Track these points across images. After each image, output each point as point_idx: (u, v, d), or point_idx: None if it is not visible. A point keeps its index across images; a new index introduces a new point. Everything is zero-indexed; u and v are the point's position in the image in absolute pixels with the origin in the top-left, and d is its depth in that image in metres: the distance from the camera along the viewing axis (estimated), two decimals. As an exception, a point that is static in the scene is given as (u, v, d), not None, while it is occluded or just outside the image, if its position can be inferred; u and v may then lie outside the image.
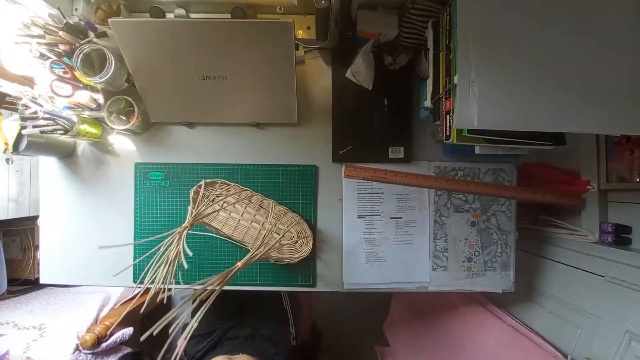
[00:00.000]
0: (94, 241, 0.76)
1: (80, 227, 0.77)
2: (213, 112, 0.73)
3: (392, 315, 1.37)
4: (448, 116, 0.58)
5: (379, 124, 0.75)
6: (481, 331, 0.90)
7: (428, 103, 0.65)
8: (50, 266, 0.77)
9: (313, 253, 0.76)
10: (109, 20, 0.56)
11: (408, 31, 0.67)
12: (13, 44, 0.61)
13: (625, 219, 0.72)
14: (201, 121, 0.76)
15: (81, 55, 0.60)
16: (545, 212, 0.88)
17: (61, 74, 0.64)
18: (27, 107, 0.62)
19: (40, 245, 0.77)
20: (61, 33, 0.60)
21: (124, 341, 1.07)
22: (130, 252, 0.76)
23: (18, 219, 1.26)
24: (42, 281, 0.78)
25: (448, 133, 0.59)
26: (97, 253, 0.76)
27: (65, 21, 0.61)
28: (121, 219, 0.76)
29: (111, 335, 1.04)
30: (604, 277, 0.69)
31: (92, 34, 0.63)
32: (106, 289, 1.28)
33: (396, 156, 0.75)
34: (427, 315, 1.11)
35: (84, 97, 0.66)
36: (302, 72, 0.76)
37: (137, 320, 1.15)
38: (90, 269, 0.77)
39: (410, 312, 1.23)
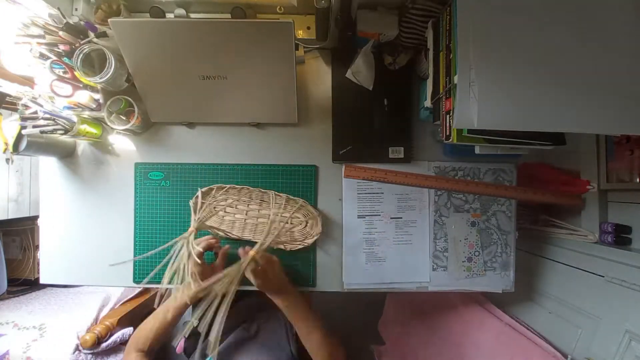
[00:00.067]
0: (94, 241, 0.76)
1: (80, 227, 0.77)
2: (213, 112, 0.73)
3: (387, 314, 1.36)
4: (448, 116, 0.58)
5: (379, 124, 0.75)
6: (480, 331, 0.90)
7: (428, 103, 0.65)
8: (50, 266, 0.77)
9: (313, 253, 0.76)
10: (109, 20, 0.56)
11: (408, 31, 0.67)
12: (13, 44, 0.62)
13: (625, 219, 0.72)
14: (201, 121, 0.76)
15: (81, 55, 0.60)
16: (545, 212, 0.89)
17: (61, 74, 0.64)
18: (27, 107, 0.62)
19: (40, 245, 0.77)
20: (61, 33, 0.60)
21: (124, 341, 1.07)
22: (130, 252, 0.76)
23: (18, 219, 1.26)
24: (42, 281, 0.78)
25: (448, 133, 0.59)
26: (97, 253, 0.77)
27: (65, 21, 0.61)
28: (121, 219, 0.76)
29: (111, 335, 1.04)
30: (604, 277, 0.69)
31: (92, 34, 0.63)
32: (106, 289, 1.28)
33: (396, 156, 0.75)
34: (425, 314, 1.11)
35: (84, 97, 0.66)
36: (302, 72, 0.76)
37: (137, 320, 1.15)
38: (90, 269, 0.77)
39: (407, 312, 1.23)
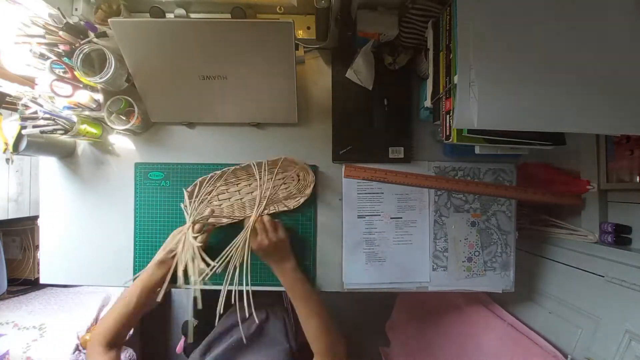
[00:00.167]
0: (94, 241, 0.76)
1: (80, 227, 0.77)
2: (213, 112, 0.73)
3: (395, 316, 1.36)
4: (448, 116, 0.58)
5: (379, 124, 0.75)
6: (484, 331, 0.89)
7: (428, 103, 0.65)
8: (50, 266, 0.77)
9: (313, 252, 0.76)
10: (109, 20, 0.56)
11: (408, 31, 0.67)
12: (13, 44, 0.62)
13: (625, 219, 0.72)
14: (201, 121, 0.76)
15: (81, 55, 0.60)
16: (545, 212, 0.88)
17: (61, 74, 0.64)
18: (27, 107, 0.62)
19: (40, 245, 0.77)
20: (61, 33, 0.60)
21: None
22: (130, 252, 0.76)
23: (18, 219, 1.26)
24: (42, 281, 0.78)
25: (448, 133, 0.59)
26: (97, 253, 0.76)
27: (65, 21, 0.61)
28: (121, 219, 0.76)
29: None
30: (604, 277, 0.69)
31: (92, 34, 0.63)
32: (106, 289, 1.28)
33: (396, 156, 0.75)
34: (430, 315, 1.11)
35: (84, 97, 0.66)
36: (302, 72, 0.76)
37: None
38: (90, 269, 0.77)
39: (413, 313, 1.23)
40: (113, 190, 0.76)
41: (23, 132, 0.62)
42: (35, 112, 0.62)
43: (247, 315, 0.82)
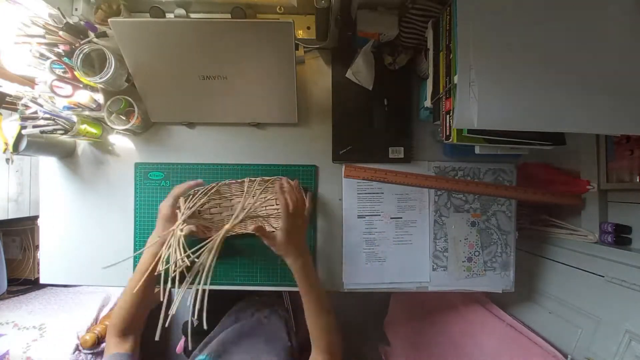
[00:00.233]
0: (94, 241, 0.76)
1: (80, 227, 0.77)
2: (213, 112, 0.73)
3: (392, 314, 1.37)
4: (448, 116, 0.58)
5: (379, 124, 0.75)
6: (482, 331, 0.90)
7: (428, 103, 0.65)
8: (50, 266, 0.77)
9: (313, 252, 0.76)
10: (109, 20, 0.56)
11: (408, 31, 0.67)
12: (13, 44, 0.62)
13: (625, 219, 0.72)
14: (201, 121, 0.76)
15: (81, 55, 0.60)
16: (545, 212, 0.88)
17: (61, 74, 0.64)
18: (27, 107, 0.62)
19: (40, 245, 0.77)
20: (61, 33, 0.60)
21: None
22: (130, 252, 0.76)
23: (18, 219, 1.26)
24: (42, 281, 0.78)
25: (448, 133, 0.59)
26: (97, 253, 0.76)
27: (65, 21, 0.61)
28: (121, 219, 0.76)
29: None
30: (604, 277, 0.69)
31: (92, 34, 0.63)
32: (106, 289, 1.28)
33: (396, 156, 0.75)
34: (429, 314, 1.11)
35: (84, 97, 0.66)
36: (302, 72, 0.75)
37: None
38: (90, 269, 0.77)
39: (411, 312, 1.23)
40: (113, 190, 0.76)
41: (23, 132, 0.62)
42: (35, 112, 0.62)
43: (248, 314, 0.82)
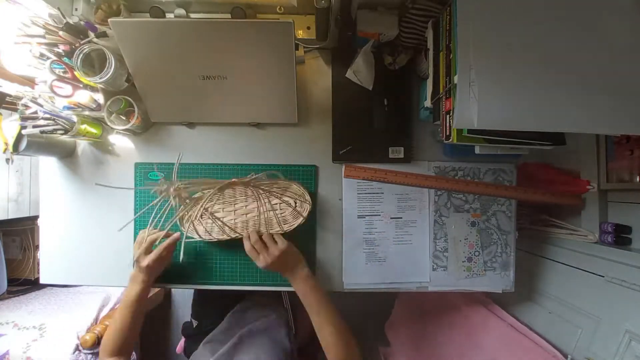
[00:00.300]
0: (94, 241, 0.76)
1: (80, 227, 0.77)
2: (213, 112, 0.73)
3: (395, 315, 1.36)
4: (448, 116, 0.58)
5: (379, 124, 0.75)
6: (484, 331, 0.89)
7: (428, 103, 0.65)
8: (50, 266, 0.77)
9: (313, 253, 0.76)
10: (109, 20, 0.56)
11: (408, 31, 0.67)
12: (13, 44, 0.62)
13: (625, 219, 0.72)
14: (201, 121, 0.76)
15: (81, 55, 0.60)
16: (545, 212, 0.88)
17: (61, 74, 0.64)
18: (27, 107, 0.62)
19: (40, 245, 0.77)
20: (61, 33, 0.60)
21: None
22: (130, 253, 0.75)
23: (18, 219, 1.26)
24: (42, 281, 0.78)
25: (448, 133, 0.59)
26: (97, 253, 0.76)
27: (65, 21, 0.61)
28: (121, 219, 0.76)
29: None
30: (604, 277, 0.69)
31: (92, 34, 0.63)
32: (106, 289, 1.28)
33: (396, 156, 0.75)
34: (431, 315, 1.11)
35: (84, 97, 0.66)
36: (302, 72, 0.76)
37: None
38: (90, 269, 0.77)
39: (413, 313, 1.23)
40: (113, 190, 0.76)
41: (23, 132, 0.62)
42: (35, 112, 0.62)
43: (247, 321, 0.82)
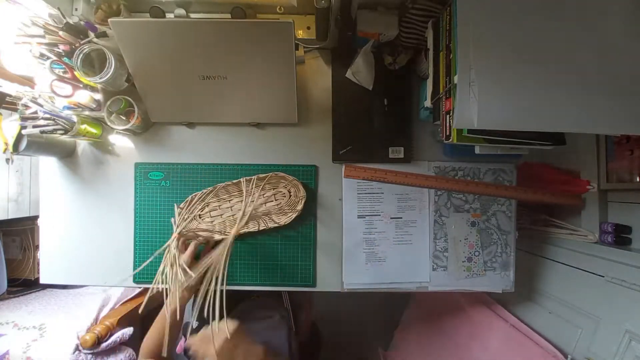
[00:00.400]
0: (94, 241, 0.76)
1: (80, 227, 0.77)
2: (213, 112, 0.73)
3: (407, 321, 1.35)
4: (448, 116, 0.58)
5: (379, 124, 0.75)
6: (486, 332, 0.89)
7: (428, 103, 0.65)
8: (50, 266, 0.77)
9: (313, 252, 0.76)
10: (109, 20, 0.56)
11: (408, 31, 0.67)
12: (13, 44, 0.62)
13: (625, 219, 0.72)
14: (201, 121, 0.76)
15: (81, 55, 0.60)
16: (545, 212, 0.88)
17: (61, 74, 0.64)
18: (27, 107, 0.62)
19: (40, 245, 0.77)
20: (61, 33, 0.60)
21: (124, 341, 1.07)
22: (130, 252, 0.76)
23: (18, 219, 1.26)
24: (42, 281, 0.78)
25: (448, 133, 0.59)
26: (97, 253, 0.77)
27: (65, 21, 0.61)
28: (121, 219, 0.76)
29: (111, 335, 1.04)
30: (604, 277, 0.69)
31: (92, 34, 0.63)
32: (106, 289, 1.28)
33: (396, 156, 0.75)
34: (436, 318, 1.11)
35: (84, 97, 0.66)
36: (302, 72, 0.76)
37: (137, 320, 1.15)
38: (90, 269, 0.77)
39: (422, 318, 1.23)
40: (113, 190, 0.76)
41: (23, 132, 0.62)
42: (35, 112, 0.62)
43: (251, 313, 0.82)
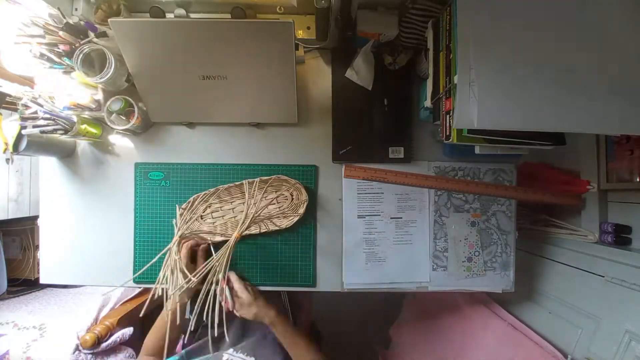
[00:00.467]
0: (94, 241, 0.76)
1: (80, 227, 0.77)
2: (213, 112, 0.73)
3: (402, 318, 1.35)
4: (448, 116, 0.58)
5: (379, 124, 0.75)
6: (485, 331, 0.89)
7: (428, 103, 0.65)
8: (50, 266, 0.77)
9: (313, 252, 0.76)
10: (109, 20, 0.56)
11: (408, 31, 0.67)
12: (13, 44, 0.62)
13: (625, 219, 0.72)
14: (201, 121, 0.76)
15: (81, 55, 0.60)
16: (545, 212, 0.88)
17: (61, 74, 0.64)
18: (27, 107, 0.62)
19: (40, 245, 0.77)
20: (61, 33, 0.60)
21: (124, 341, 1.07)
22: (130, 252, 0.76)
23: (18, 219, 1.26)
24: (42, 281, 0.78)
25: (448, 133, 0.59)
26: (97, 253, 0.76)
27: (65, 21, 0.61)
28: (121, 219, 0.76)
29: (111, 335, 1.04)
30: (604, 277, 0.69)
31: (92, 34, 0.63)
32: (106, 289, 1.28)
33: (396, 156, 0.75)
34: (432, 316, 1.11)
35: (84, 97, 0.66)
36: (302, 72, 0.75)
37: (137, 320, 1.15)
38: (90, 269, 0.77)
39: (419, 315, 1.23)
40: (113, 190, 0.76)
41: (23, 132, 0.62)
42: (35, 112, 0.62)
43: (245, 329, 0.82)
